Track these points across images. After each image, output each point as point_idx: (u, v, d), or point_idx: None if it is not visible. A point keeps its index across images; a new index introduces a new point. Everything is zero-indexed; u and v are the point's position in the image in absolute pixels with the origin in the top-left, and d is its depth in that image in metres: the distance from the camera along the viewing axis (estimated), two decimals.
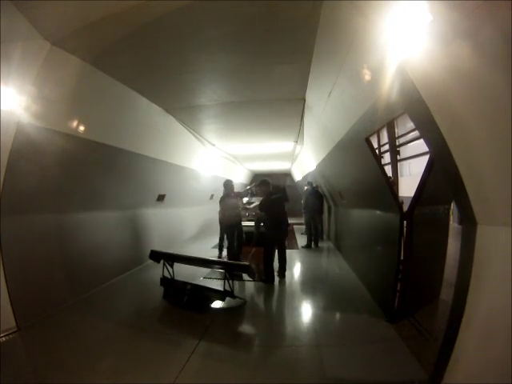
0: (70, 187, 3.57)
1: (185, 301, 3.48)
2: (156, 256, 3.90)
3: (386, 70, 1.95)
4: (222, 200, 5.48)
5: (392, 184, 3.16)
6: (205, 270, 4.77)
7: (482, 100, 1.31)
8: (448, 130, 1.55)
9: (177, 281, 3.77)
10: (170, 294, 3.72)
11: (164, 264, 3.83)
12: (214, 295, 3.52)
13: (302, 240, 7.82)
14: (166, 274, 3.81)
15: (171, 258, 3.87)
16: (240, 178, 13.36)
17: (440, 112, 1.57)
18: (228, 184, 5.58)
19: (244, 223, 7.82)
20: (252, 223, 7.36)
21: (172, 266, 3.85)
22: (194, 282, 3.72)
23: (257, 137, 6.94)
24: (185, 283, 3.65)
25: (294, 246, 7.42)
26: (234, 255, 5.17)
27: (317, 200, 7.18)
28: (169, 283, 3.76)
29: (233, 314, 3.25)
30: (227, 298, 3.39)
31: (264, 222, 4.60)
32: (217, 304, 3.52)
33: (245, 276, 3.90)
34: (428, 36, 1.44)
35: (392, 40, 1.74)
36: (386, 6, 1.62)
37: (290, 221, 5.32)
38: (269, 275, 4.34)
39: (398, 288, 2.93)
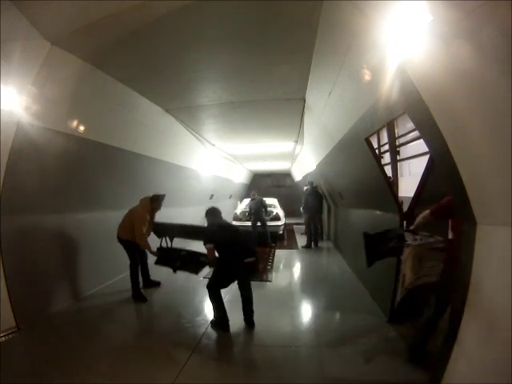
0: (70, 187, 3.57)
1: (177, 265, 3.57)
2: (160, 229, 3.95)
3: (385, 69, 1.95)
4: None
5: (392, 184, 3.16)
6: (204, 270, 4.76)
7: (481, 100, 1.31)
8: (448, 130, 1.55)
9: (172, 248, 3.88)
10: (164, 259, 3.79)
11: (165, 238, 3.95)
12: (206, 260, 3.35)
13: (302, 240, 7.83)
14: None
15: (173, 231, 3.95)
16: (240, 177, 13.35)
17: (440, 112, 1.57)
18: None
19: (243, 223, 7.86)
20: (249, 223, 7.36)
21: (172, 241, 3.96)
22: (188, 249, 3.78)
23: (257, 137, 6.93)
24: (180, 250, 3.73)
25: (293, 245, 7.44)
26: None
27: (316, 200, 7.18)
28: (164, 250, 3.87)
29: (232, 313, 3.24)
30: (226, 297, 3.39)
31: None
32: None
33: None
34: (428, 36, 1.43)
35: (392, 40, 1.74)
36: (386, 6, 1.62)
37: (290, 221, 5.20)
38: (220, 317, 2.95)
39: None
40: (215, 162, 8.72)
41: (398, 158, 3.62)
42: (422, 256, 2.11)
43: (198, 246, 3.25)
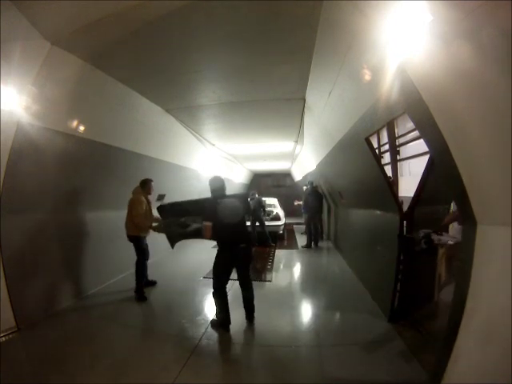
0: (69, 187, 3.57)
1: (173, 233, 3.57)
2: (164, 211, 3.75)
3: (385, 70, 1.95)
4: None
5: (392, 184, 3.16)
6: (204, 270, 4.77)
7: (481, 100, 1.31)
8: (448, 129, 1.55)
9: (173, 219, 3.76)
10: (163, 226, 3.71)
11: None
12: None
13: (302, 240, 7.83)
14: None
15: (177, 209, 3.73)
16: (240, 177, 13.35)
17: (440, 112, 1.57)
18: None
19: None
20: (248, 223, 7.35)
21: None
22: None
23: (257, 137, 6.93)
24: (179, 219, 3.66)
25: (293, 245, 7.44)
26: None
27: (316, 200, 7.18)
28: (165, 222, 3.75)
29: (232, 312, 3.25)
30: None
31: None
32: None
33: None
34: (428, 36, 1.43)
35: (392, 40, 1.74)
36: (386, 6, 1.62)
37: (289, 221, 5.15)
38: (222, 317, 2.92)
39: (398, 288, 2.93)
40: (215, 161, 8.73)
41: (398, 157, 3.63)
42: (451, 256, 2.18)
43: None
